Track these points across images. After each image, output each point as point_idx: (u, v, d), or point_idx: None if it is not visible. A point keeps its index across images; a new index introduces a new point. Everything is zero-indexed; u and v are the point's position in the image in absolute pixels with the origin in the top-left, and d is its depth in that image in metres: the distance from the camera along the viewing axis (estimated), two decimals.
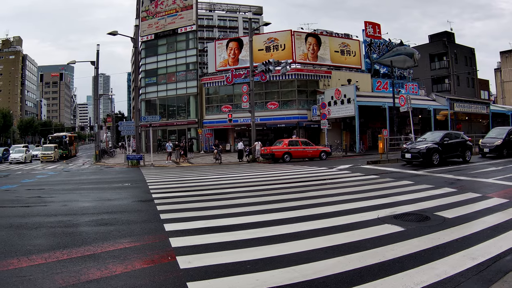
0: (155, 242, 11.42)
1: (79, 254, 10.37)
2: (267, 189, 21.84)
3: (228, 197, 19.40)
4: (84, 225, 14.27)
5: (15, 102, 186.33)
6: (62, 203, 20.16)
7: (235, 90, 72.69)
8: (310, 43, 73.11)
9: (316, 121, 64.58)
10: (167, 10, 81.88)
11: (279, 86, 71.27)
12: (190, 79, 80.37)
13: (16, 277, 8.84)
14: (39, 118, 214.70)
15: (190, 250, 10.44)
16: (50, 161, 66.91)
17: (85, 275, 8.67)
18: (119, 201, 20.39)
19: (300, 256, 9.56)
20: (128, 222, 14.57)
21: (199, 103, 79.03)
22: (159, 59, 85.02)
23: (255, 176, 30.59)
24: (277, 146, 46.63)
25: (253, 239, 11.22)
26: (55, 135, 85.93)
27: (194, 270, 8.82)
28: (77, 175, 40.20)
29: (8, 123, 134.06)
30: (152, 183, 27.60)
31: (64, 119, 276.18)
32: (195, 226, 13.08)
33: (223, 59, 77.07)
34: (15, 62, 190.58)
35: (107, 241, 11.63)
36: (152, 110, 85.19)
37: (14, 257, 10.29)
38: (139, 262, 9.60)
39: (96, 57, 60.63)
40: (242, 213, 15.10)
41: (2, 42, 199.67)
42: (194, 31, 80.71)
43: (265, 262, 9.22)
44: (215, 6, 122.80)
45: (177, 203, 18.20)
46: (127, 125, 56.13)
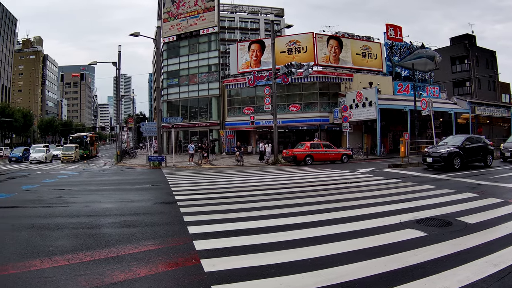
0: (179, 244, 11.40)
1: (102, 256, 10.37)
2: (290, 192, 21.72)
3: (250, 199, 19.34)
4: (107, 227, 14.28)
5: (36, 101, 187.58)
6: (84, 204, 20.19)
7: (257, 92, 72.89)
8: (332, 46, 73.01)
9: (337, 124, 64.73)
10: (189, 11, 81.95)
11: (301, 88, 71.39)
12: (212, 81, 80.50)
13: (39, 278, 8.84)
14: (60, 118, 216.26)
15: (214, 253, 10.38)
16: (70, 161, 67.00)
17: (109, 277, 8.68)
18: (141, 203, 20.43)
19: (323, 260, 9.49)
20: (152, 224, 14.56)
21: (221, 104, 79.01)
22: (181, 61, 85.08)
23: (277, 178, 30.46)
24: (299, 149, 46.48)
25: (277, 243, 11.10)
26: (76, 135, 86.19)
27: (219, 274, 8.77)
28: (99, 175, 40.24)
29: (28, 122, 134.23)
30: (175, 184, 27.49)
31: (85, 119, 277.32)
32: (219, 229, 13.04)
33: (245, 61, 77.10)
34: (36, 62, 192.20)
35: (130, 243, 11.64)
36: (174, 111, 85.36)
37: (37, 258, 10.27)
38: (163, 265, 9.57)
39: (117, 58, 60.79)
40: (265, 216, 15.06)
41: (23, 42, 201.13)
42: (216, 33, 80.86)
43: (289, 266, 9.15)
44: (237, 7, 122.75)
45: (200, 206, 18.15)
46: (149, 126, 56.38)
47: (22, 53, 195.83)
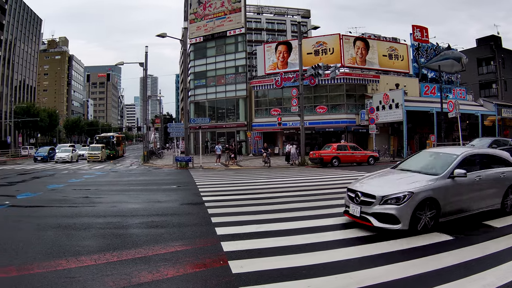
0: (207, 246, 11.43)
1: (129, 257, 10.45)
2: (317, 194, 21.75)
3: (278, 201, 19.33)
4: (134, 227, 14.37)
5: (61, 101, 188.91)
6: (111, 204, 20.31)
7: (284, 93, 72.39)
8: (359, 47, 72.73)
9: (364, 125, 64.51)
10: (216, 12, 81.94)
11: (328, 90, 71.02)
12: (239, 82, 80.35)
13: (65, 277, 8.96)
14: (86, 118, 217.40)
15: (242, 254, 10.40)
16: (97, 161, 66.90)
17: (136, 278, 8.73)
18: (169, 203, 20.50)
19: (353, 263, 9.57)
20: (179, 225, 14.58)
21: (248, 106, 78.91)
22: (208, 62, 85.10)
23: (304, 180, 30.49)
24: (326, 151, 46.40)
25: (305, 245, 11.13)
26: (102, 135, 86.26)
27: (247, 275, 8.84)
28: (125, 176, 40.41)
29: (54, 122, 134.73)
30: (202, 185, 27.53)
31: (111, 119, 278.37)
32: (247, 230, 13.05)
33: (272, 62, 76.99)
34: (61, 62, 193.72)
35: (158, 244, 11.69)
36: (201, 112, 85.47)
37: (63, 258, 10.40)
38: (191, 266, 9.64)
39: (144, 59, 60.91)
40: (293, 218, 15.03)
41: (48, 43, 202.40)
42: (243, 34, 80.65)
43: (318, 268, 9.20)
44: (263, 9, 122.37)
45: (228, 207, 18.13)
46: (177, 127, 56.26)
47: (47, 53, 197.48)
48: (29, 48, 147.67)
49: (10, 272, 9.40)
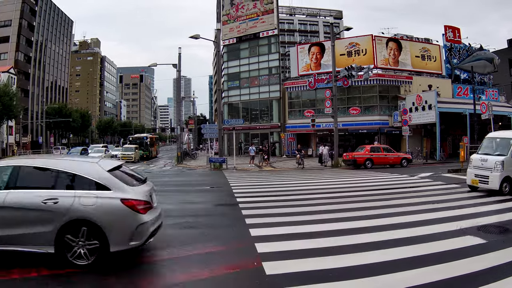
0: (241, 247, 11.51)
1: (163, 257, 10.55)
2: (350, 196, 21.69)
3: (312, 203, 19.27)
4: (168, 228, 14.09)
5: (94, 102, 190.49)
6: None
7: (317, 94, 71.84)
8: (391, 48, 72.27)
9: (397, 127, 63.98)
10: (248, 14, 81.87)
11: (361, 91, 70.66)
12: (273, 83, 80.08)
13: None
14: (119, 118, 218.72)
15: (276, 256, 10.38)
16: (130, 161, 66.30)
17: (169, 279, 8.85)
18: (203, 204, 20.69)
19: (381, 266, 9.45)
20: (214, 226, 14.70)
21: (281, 107, 78.61)
22: (241, 63, 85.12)
23: (338, 182, 30.53)
24: (359, 152, 46.26)
25: (336, 247, 11.14)
26: (135, 136, 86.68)
27: (280, 277, 8.81)
28: (159, 176, 40.46)
29: (87, 123, 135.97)
30: (236, 186, 27.43)
31: (145, 120, 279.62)
32: (281, 232, 13.02)
33: (305, 64, 76.73)
34: (93, 63, 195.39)
35: (192, 245, 11.77)
36: (235, 113, 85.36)
37: None
38: (225, 267, 9.69)
39: (178, 60, 60.89)
40: (326, 220, 15.05)
41: (80, 44, 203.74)
42: (276, 35, 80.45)
43: (347, 271, 9.15)
44: (295, 10, 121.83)
45: (262, 208, 18.20)
46: (210, 128, 56.25)
47: (79, 55, 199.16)
48: (60, 49, 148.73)
49: (41, 272, 9.28)
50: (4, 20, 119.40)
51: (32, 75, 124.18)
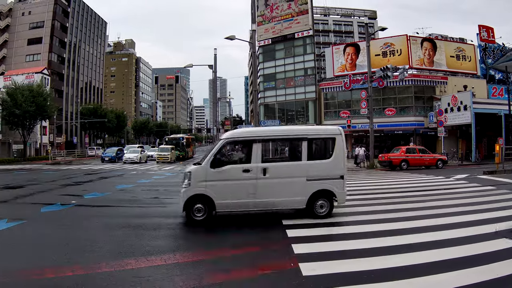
0: (277, 248, 11.61)
1: (200, 257, 10.76)
2: (386, 198, 21.69)
3: (348, 204, 18.85)
4: None
5: (129, 103, 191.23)
6: None
7: (353, 95, 72.14)
8: (426, 48, 71.97)
9: (432, 128, 63.61)
10: (283, 15, 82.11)
11: (396, 92, 70.58)
12: (308, 84, 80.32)
13: (134, 277, 9.23)
14: (154, 119, 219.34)
15: (312, 257, 10.47)
16: (166, 162, 66.81)
17: (206, 279, 8.98)
18: None
19: (415, 268, 9.49)
20: (250, 227, 14.81)
21: (317, 108, 78.64)
22: (277, 64, 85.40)
23: (373, 183, 30.50)
24: (395, 153, 46.23)
25: (373, 249, 11.17)
26: (171, 137, 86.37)
27: (316, 278, 8.87)
28: None
29: (122, 123, 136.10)
30: None
31: (180, 121, 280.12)
32: (317, 233, 13.15)
33: (340, 64, 76.71)
34: (128, 64, 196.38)
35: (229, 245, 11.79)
36: (271, 114, 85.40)
37: (132, 257, 10.69)
38: (262, 267, 9.83)
39: (213, 61, 61.64)
40: (363, 221, 15.14)
41: (114, 45, 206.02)
42: (311, 36, 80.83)
43: (384, 272, 9.19)
44: (329, 10, 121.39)
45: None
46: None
47: (114, 55, 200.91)
48: (94, 50, 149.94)
49: (77, 270, 9.69)
50: (36, 22, 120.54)
51: (66, 75, 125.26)
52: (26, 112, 72.02)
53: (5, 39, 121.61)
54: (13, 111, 71.38)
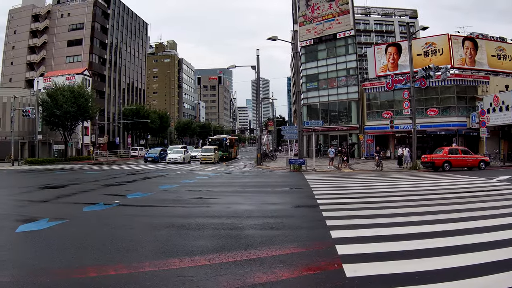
0: (321, 248, 11.57)
1: (244, 257, 10.71)
2: (429, 199, 21.51)
3: (392, 205, 19.29)
4: (249, 228, 14.67)
5: (172, 104, 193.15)
6: (226, 205, 20.89)
7: (395, 96, 71.62)
8: (467, 47, 71.04)
9: (474, 128, 62.90)
10: (324, 15, 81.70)
11: (438, 92, 69.98)
12: (351, 85, 79.86)
13: (178, 277, 9.27)
14: (198, 120, 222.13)
15: (356, 258, 10.46)
16: (209, 162, 67.45)
17: (250, 279, 8.94)
18: (283, 205, 20.84)
19: (465, 270, 9.39)
20: (294, 227, 14.81)
21: (360, 108, 78.32)
22: (319, 64, 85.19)
23: (417, 184, 30.22)
24: (437, 154, 45.98)
25: (417, 250, 11.07)
26: (215, 137, 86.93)
27: (360, 279, 8.85)
28: (239, 177, 40.90)
29: (165, 124, 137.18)
30: (316, 188, 27.55)
31: (223, 122, 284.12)
32: (361, 234, 13.08)
33: (382, 64, 76.40)
34: (171, 65, 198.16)
35: (273, 246, 11.94)
36: (314, 115, 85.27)
37: (176, 257, 10.76)
38: (306, 268, 9.83)
39: (256, 62, 61.21)
40: (406, 222, 15.04)
41: (156, 46, 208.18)
42: (353, 36, 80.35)
43: (429, 274, 9.09)
44: (370, 10, 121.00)
45: (342, 210, 18.27)
46: (290, 130, 56.26)
47: (156, 57, 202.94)
48: (136, 52, 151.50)
49: (120, 269, 9.86)
50: (76, 23, 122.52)
51: (108, 77, 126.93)
52: (67, 112, 72.92)
53: (44, 41, 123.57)
54: (53, 111, 72.20)
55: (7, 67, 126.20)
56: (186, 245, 12.20)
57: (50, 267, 10.07)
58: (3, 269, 9.92)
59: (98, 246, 12.15)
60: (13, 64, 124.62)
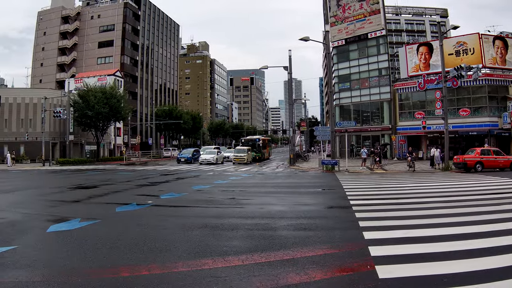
0: (354, 250, 11.56)
1: (277, 258, 10.72)
2: (463, 200, 21.39)
3: (425, 206, 19.17)
4: (282, 229, 14.70)
5: (204, 104, 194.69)
6: (259, 205, 20.93)
7: (427, 96, 71.30)
8: (498, 47, 70.40)
9: (506, 129, 62.65)
10: (355, 15, 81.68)
11: (469, 92, 69.48)
12: (383, 85, 79.71)
13: (211, 277, 9.29)
14: (230, 120, 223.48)
15: (389, 260, 10.42)
16: (242, 163, 67.73)
17: (283, 279, 8.95)
18: (316, 206, 20.91)
19: (497, 272, 9.25)
20: (327, 228, 14.85)
21: (392, 109, 78.04)
22: (351, 65, 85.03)
23: (449, 185, 30.12)
24: (469, 155, 45.63)
25: (451, 252, 10.99)
26: (248, 138, 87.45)
27: (393, 281, 8.86)
28: (272, 178, 40.97)
29: (198, 125, 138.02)
30: (349, 189, 27.58)
31: (256, 122, 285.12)
32: (394, 236, 13.07)
33: (414, 64, 75.86)
34: (203, 66, 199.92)
35: (306, 246, 11.96)
36: (346, 115, 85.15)
37: (209, 257, 10.81)
38: (338, 269, 9.83)
39: (288, 62, 61.18)
40: (440, 224, 14.88)
41: (188, 47, 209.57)
42: (384, 36, 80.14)
43: (460, 277, 9.01)
44: (401, 9, 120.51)
45: (375, 211, 18.23)
46: (323, 130, 56.31)
47: (188, 58, 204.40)
48: (168, 53, 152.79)
49: (153, 269, 9.93)
50: (106, 25, 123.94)
51: (140, 78, 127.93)
52: (99, 113, 73.49)
53: (75, 42, 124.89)
54: (85, 112, 72.79)
55: (37, 68, 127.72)
56: (220, 245, 12.26)
57: (82, 267, 10.19)
58: (34, 268, 10.08)
59: (131, 246, 12.28)
60: (43, 66, 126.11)
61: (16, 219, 17.34)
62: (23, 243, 12.89)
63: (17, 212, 19.20)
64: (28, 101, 77.92)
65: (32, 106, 77.43)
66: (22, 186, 34.79)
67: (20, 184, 36.21)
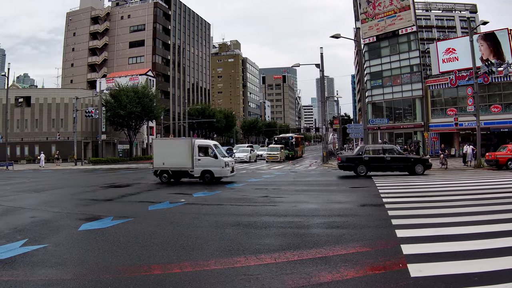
0: (387, 248, 11.57)
1: (310, 256, 10.79)
2: (496, 198, 21.04)
3: (457, 204, 18.94)
4: (315, 227, 14.70)
5: (237, 103, 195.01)
6: (292, 204, 20.86)
7: (459, 92, 70.44)
8: None
9: None
10: (385, 11, 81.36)
11: (500, 88, 68.65)
12: (415, 82, 79.13)
13: (243, 275, 9.37)
14: (263, 119, 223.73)
15: (421, 258, 10.34)
16: (275, 161, 67.85)
17: (315, 278, 8.97)
18: (349, 204, 20.79)
19: None
20: (359, 226, 14.75)
21: (424, 105, 77.38)
22: (383, 61, 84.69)
23: (482, 183, 29.82)
24: (501, 152, 44.84)
25: (483, 250, 10.81)
26: (281, 136, 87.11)
27: (425, 280, 8.74)
28: (305, 176, 40.89)
29: (231, 123, 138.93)
30: (382, 187, 27.45)
31: (289, 120, 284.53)
32: (426, 234, 12.92)
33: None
34: (235, 65, 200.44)
35: (338, 244, 12.00)
36: (378, 113, 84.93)
37: (241, 255, 10.89)
38: (370, 268, 9.83)
39: (320, 60, 61.00)
40: (473, 222, 14.76)
41: (219, 46, 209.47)
42: (415, 32, 79.54)
43: (491, 276, 8.92)
44: (431, 5, 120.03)
45: (408, 209, 18.18)
46: (356, 128, 56.72)
47: (219, 57, 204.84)
48: (199, 52, 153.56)
49: (185, 267, 10.01)
50: (137, 25, 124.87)
51: (172, 77, 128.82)
52: (131, 113, 73.97)
53: (105, 42, 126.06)
54: (117, 112, 73.23)
55: (67, 68, 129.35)
56: (252, 243, 12.39)
57: (113, 265, 10.34)
58: (64, 267, 10.28)
59: (163, 244, 12.41)
60: (74, 66, 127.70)
61: (47, 217, 17.51)
62: (53, 241, 13.09)
63: (49, 211, 19.39)
64: (59, 101, 78.78)
65: (63, 106, 78.22)
66: (55, 185, 35.21)
67: (53, 184, 36.60)
